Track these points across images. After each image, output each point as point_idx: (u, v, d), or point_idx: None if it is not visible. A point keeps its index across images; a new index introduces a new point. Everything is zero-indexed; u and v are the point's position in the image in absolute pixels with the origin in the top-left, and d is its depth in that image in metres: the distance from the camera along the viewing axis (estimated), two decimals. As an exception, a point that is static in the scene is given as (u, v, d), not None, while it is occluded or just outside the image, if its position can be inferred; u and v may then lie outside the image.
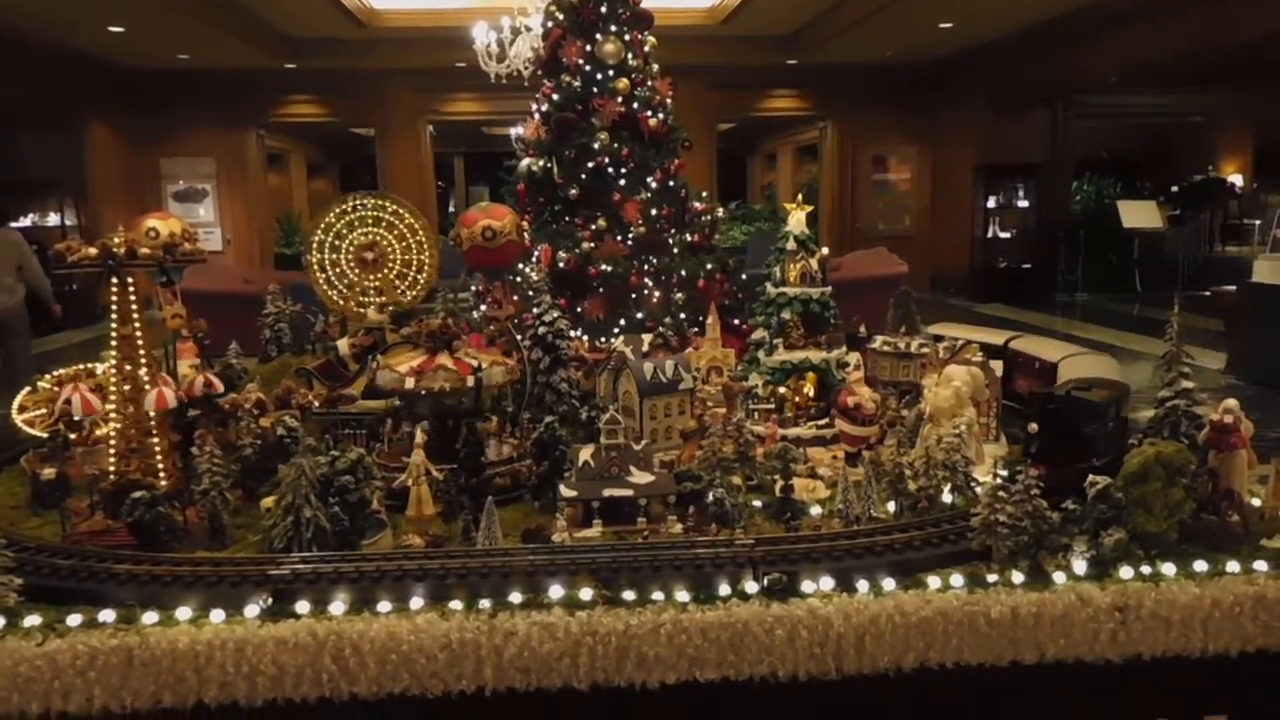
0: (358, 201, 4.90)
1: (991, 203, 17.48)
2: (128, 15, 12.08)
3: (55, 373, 4.13)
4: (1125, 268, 16.95)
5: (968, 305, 15.99)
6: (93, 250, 3.20)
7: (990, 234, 17.50)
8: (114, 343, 3.25)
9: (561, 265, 5.76)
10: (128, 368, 3.27)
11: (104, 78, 15.23)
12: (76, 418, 3.60)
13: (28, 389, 4.12)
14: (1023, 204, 17.61)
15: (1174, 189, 19.76)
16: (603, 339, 5.49)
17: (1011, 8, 12.46)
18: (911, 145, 18.43)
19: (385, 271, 4.88)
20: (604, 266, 5.83)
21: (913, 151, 18.49)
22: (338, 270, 4.91)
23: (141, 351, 3.28)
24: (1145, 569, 2.67)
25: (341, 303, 4.97)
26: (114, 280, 3.21)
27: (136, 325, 3.25)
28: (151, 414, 3.30)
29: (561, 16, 6.23)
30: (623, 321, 5.84)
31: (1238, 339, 9.92)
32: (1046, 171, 17.28)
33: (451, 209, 26.36)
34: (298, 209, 21.22)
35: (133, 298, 3.25)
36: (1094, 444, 3.14)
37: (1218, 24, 11.25)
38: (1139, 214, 16.44)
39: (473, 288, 6.17)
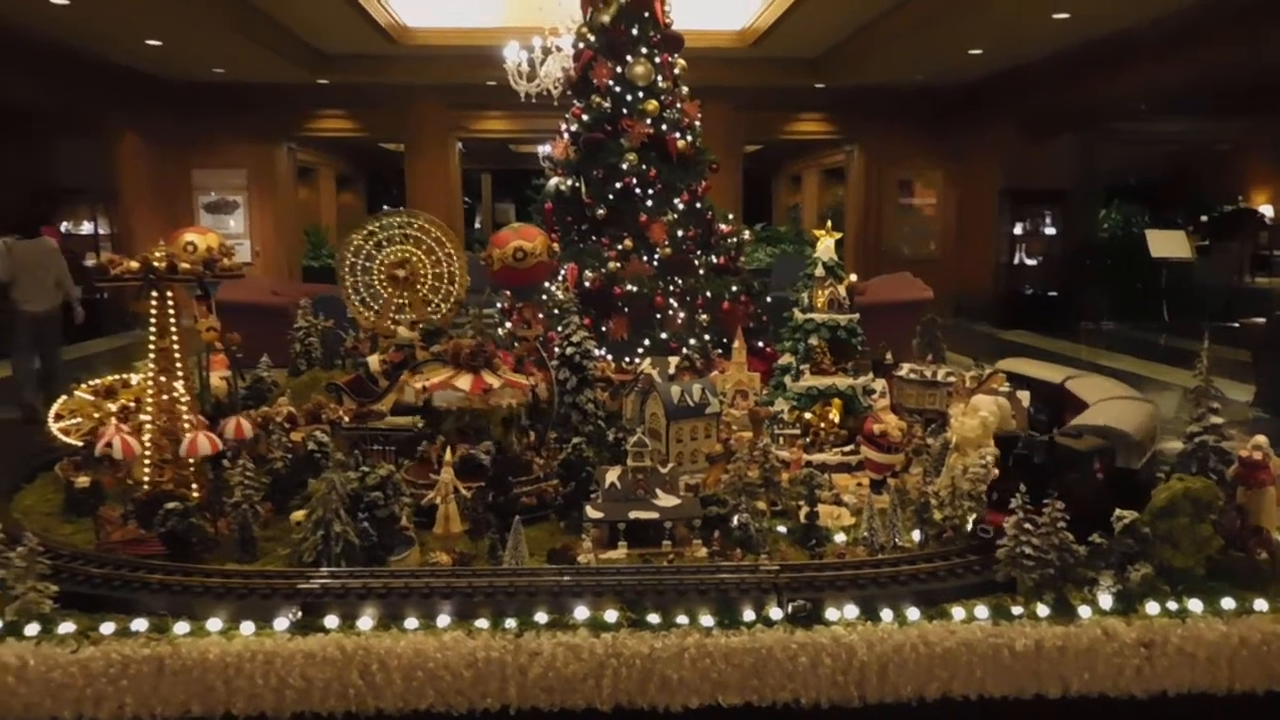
0: (390, 219, 4.95)
1: (1018, 229, 17.37)
2: (167, 30, 12.29)
3: (91, 382, 4.19)
4: (1152, 297, 16.79)
5: (992, 332, 15.88)
6: (134, 264, 3.26)
7: (1016, 260, 17.39)
8: (151, 355, 3.31)
9: (587, 284, 5.81)
10: (164, 380, 3.32)
11: (139, 89, 15.46)
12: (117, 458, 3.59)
13: (64, 397, 4.19)
14: (1050, 231, 17.49)
15: (1203, 218, 19.59)
16: (627, 359, 5.51)
17: (1040, 33, 12.44)
18: (937, 169, 18.38)
19: (416, 289, 4.92)
20: (629, 286, 5.87)
21: (939, 176, 18.43)
22: (370, 288, 4.96)
23: (179, 364, 3.33)
24: (1172, 605, 2.67)
25: (373, 319, 5.01)
26: (154, 294, 3.27)
27: (175, 338, 3.31)
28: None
29: (593, 38, 6.31)
30: (647, 341, 5.86)
31: (1266, 372, 9.80)
32: (1073, 198, 17.16)
33: (478, 225, 26.55)
34: (326, 222, 21.42)
35: (171, 311, 3.30)
36: (1073, 494, 2.85)
37: (1249, 52, 11.18)
38: (1168, 243, 16.27)
39: (498, 305, 6.21)
